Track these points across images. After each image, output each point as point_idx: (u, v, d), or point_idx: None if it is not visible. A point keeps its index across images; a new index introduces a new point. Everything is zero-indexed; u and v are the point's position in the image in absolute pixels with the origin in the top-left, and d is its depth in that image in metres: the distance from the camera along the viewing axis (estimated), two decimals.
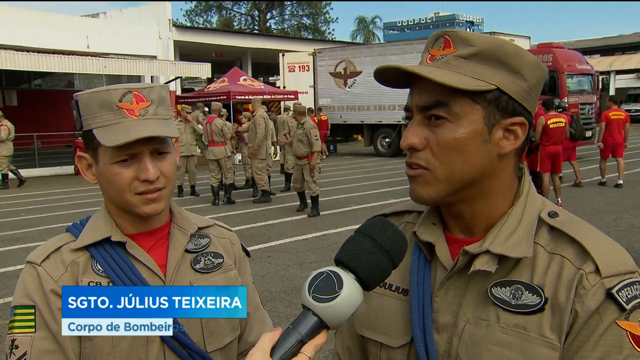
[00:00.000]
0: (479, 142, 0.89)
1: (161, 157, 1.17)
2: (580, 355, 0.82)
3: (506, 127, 0.91)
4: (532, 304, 0.86)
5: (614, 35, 40.71)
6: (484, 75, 0.88)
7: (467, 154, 0.89)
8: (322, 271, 0.81)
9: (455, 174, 0.90)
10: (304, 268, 6.21)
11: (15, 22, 17.16)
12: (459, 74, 0.88)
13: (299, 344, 0.78)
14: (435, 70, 0.88)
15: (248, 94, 18.43)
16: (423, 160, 0.91)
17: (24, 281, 1.15)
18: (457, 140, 0.88)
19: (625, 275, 0.84)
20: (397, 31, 69.57)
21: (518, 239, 0.90)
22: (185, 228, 1.27)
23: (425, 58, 0.93)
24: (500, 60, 0.88)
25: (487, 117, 0.89)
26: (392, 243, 0.83)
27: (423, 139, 0.90)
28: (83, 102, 1.14)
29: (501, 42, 0.89)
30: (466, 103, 0.88)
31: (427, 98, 0.89)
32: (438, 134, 0.89)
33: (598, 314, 0.82)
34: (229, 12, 50.66)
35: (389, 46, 20.46)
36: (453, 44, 0.90)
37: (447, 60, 0.89)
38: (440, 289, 0.94)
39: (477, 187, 0.92)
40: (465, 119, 0.88)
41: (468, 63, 0.88)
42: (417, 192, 0.93)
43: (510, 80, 0.89)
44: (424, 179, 0.91)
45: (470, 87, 0.86)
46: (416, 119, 0.92)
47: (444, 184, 0.90)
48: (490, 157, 0.91)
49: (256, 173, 10.50)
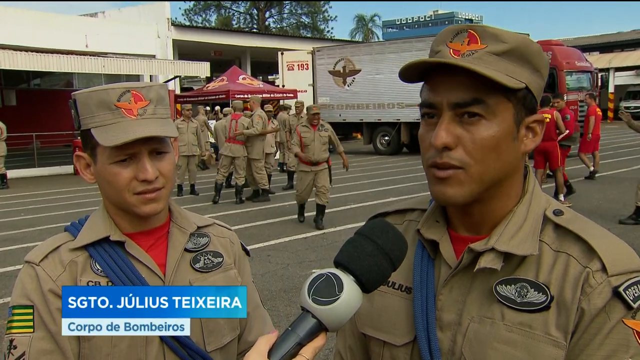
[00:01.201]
0: (510, 140, 0.89)
1: (160, 157, 1.16)
2: (586, 354, 0.82)
3: (528, 124, 0.91)
4: (538, 302, 0.85)
5: (612, 32, 40.70)
6: (515, 73, 0.87)
7: (500, 152, 0.88)
8: (321, 273, 0.80)
9: (489, 172, 0.88)
10: (303, 267, 6.21)
11: (14, 21, 17.14)
12: (495, 70, 0.85)
13: (298, 346, 0.77)
14: (473, 65, 0.84)
15: (247, 93, 18.40)
16: (456, 159, 0.88)
17: (22, 281, 1.15)
18: (493, 137, 0.87)
19: (633, 274, 0.83)
20: (396, 29, 69.57)
21: (523, 236, 0.89)
22: (185, 227, 1.26)
23: (447, 52, 0.89)
24: (527, 59, 0.88)
25: (516, 115, 0.89)
26: (392, 246, 0.83)
27: (456, 137, 0.87)
28: (81, 102, 1.14)
29: (529, 41, 0.89)
30: (501, 100, 0.87)
31: (462, 95, 0.86)
32: (473, 132, 0.87)
33: (605, 312, 0.82)
34: (227, 11, 50.64)
35: (388, 44, 20.42)
36: (481, 40, 0.87)
37: (480, 56, 0.87)
38: (444, 287, 0.94)
39: (499, 186, 0.91)
40: (499, 116, 0.87)
41: (500, 60, 0.87)
42: (448, 194, 0.89)
43: (533, 79, 0.89)
44: (457, 179, 0.88)
45: (512, 84, 0.85)
46: (447, 116, 0.88)
47: (477, 183, 0.89)
48: (517, 155, 0.91)
49: (257, 172, 10.46)
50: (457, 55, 0.88)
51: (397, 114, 18.72)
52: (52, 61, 15.28)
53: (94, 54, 17.04)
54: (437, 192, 0.91)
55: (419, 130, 0.95)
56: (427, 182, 0.93)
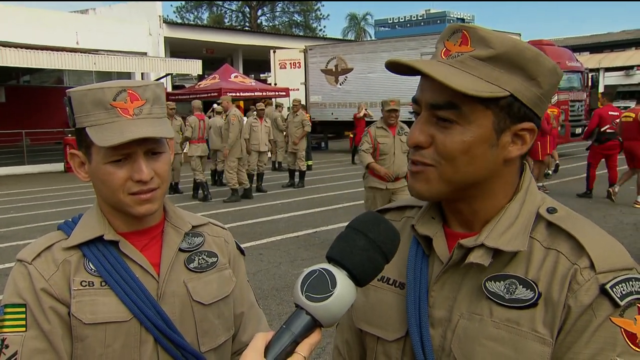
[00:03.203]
0: (486, 146, 0.88)
1: (155, 157, 1.15)
2: (573, 352, 0.82)
3: (515, 132, 0.90)
4: (526, 299, 0.86)
5: (602, 32, 40.96)
6: (499, 80, 0.86)
7: (473, 156, 0.88)
8: (314, 269, 0.79)
9: (459, 175, 0.89)
10: (295, 265, 6.21)
11: (3, 18, 16.96)
12: (473, 77, 0.85)
13: (293, 343, 0.77)
14: (449, 70, 0.85)
15: (239, 91, 18.36)
16: (428, 157, 0.90)
17: (14, 279, 1.14)
18: (464, 143, 0.87)
19: (621, 272, 0.83)
20: (389, 28, 69.61)
21: (514, 233, 0.89)
22: (179, 227, 1.25)
23: (440, 51, 0.90)
24: (517, 66, 0.86)
25: (497, 122, 0.88)
26: (384, 239, 0.82)
27: (429, 136, 0.89)
28: (76, 100, 1.12)
29: (521, 47, 0.86)
30: (477, 107, 0.86)
31: (438, 96, 0.87)
32: (445, 135, 0.88)
33: (591, 310, 0.82)
34: (219, 9, 50.47)
35: (380, 43, 20.44)
36: (470, 42, 0.87)
37: (463, 60, 0.87)
38: (436, 283, 0.94)
39: (478, 187, 0.92)
40: (474, 123, 0.87)
41: (484, 65, 0.86)
42: (416, 188, 0.93)
43: (525, 87, 0.87)
44: (425, 175, 0.91)
45: (484, 94, 0.84)
46: (423, 116, 0.90)
47: (445, 183, 0.90)
48: (496, 161, 0.90)
49: (227, 171, 10.33)
50: (446, 56, 0.89)
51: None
52: (42, 58, 15.15)
53: (85, 51, 16.91)
54: (410, 185, 0.94)
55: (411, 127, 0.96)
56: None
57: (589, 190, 9.71)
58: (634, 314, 0.81)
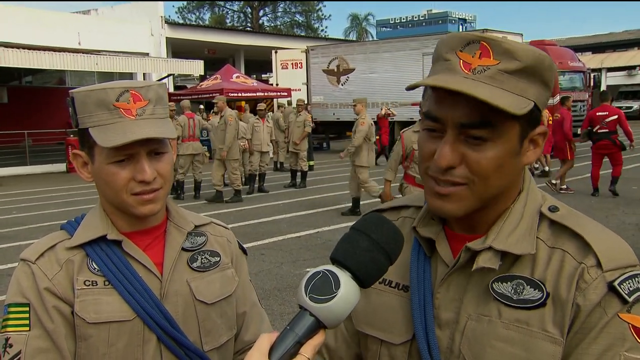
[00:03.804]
0: (514, 156, 0.88)
1: (158, 157, 1.15)
2: (582, 348, 0.82)
3: (532, 137, 0.90)
4: (534, 299, 0.86)
5: (605, 33, 40.90)
6: (525, 91, 0.85)
7: (504, 170, 0.87)
8: (318, 270, 0.80)
9: (491, 190, 0.88)
10: (297, 265, 6.21)
11: (5, 18, 17.00)
12: (507, 92, 0.83)
13: (297, 345, 0.77)
14: (486, 89, 0.82)
15: (241, 92, 18.38)
16: (460, 177, 0.87)
17: (18, 279, 1.14)
18: (499, 158, 0.86)
19: (627, 269, 0.84)
20: (390, 28, 69.53)
21: (520, 235, 0.90)
22: (182, 226, 1.26)
23: (457, 63, 0.86)
24: (539, 75, 0.86)
25: (521, 132, 0.88)
26: (388, 240, 0.82)
27: (460, 155, 0.86)
28: (79, 100, 1.13)
29: (542, 57, 0.86)
30: (508, 120, 0.85)
31: (469, 115, 0.84)
32: (479, 153, 0.85)
33: (600, 307, 0.82)
34: (221, 9, 50.50)
35: (382, 43, 20.46)
36: (494, 55, 0.84)
37: (493, 75, 0.84)
38: (441, 286, 0.94)
39: (497, 197, 0.91)
40: (505, 136, 0.85)
41: (512, 78, 0.84)
42: (446, 209, 0.89)
43: (541, 93, 0.88)
44: (459, 196, 0.88)
45: (524, 110, 0.83)
46: (452, 135, 0.86)
47: (478, 200, 0.88)
48: (519, 168, 0.91)
49: (232, 173, 10.28)
50: (467, 70, 0.85)
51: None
52: (44, 58, 15.18)
53: (87, 52, 16.95)
54: (436, 205, 0.90)
55: (418, 137, 0.94)
56: (424, 190, 0.93)
57: (595, 189, 9.96)
58: None
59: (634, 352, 0.80)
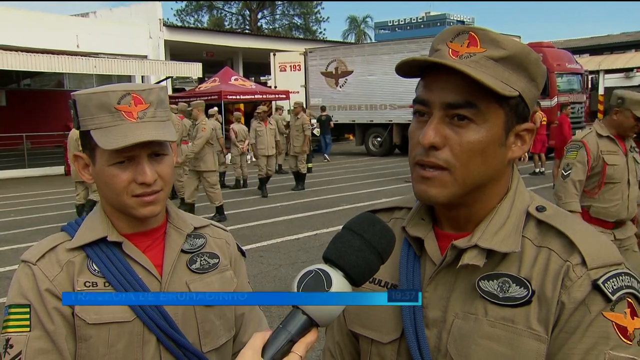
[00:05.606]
0: (497, 146, 0.90)
1: (159, 159, 1.17)
2: (567, 347, 0.83)
3: (518, 132, 0.92)
4: (519, 297, 0.87)
5: (602, 34, 41.01)
6: (510, 80, 0.88)
7: (486, 156, 0.89)
8: (310, 269, 0.80)
9: (473, 176, 0.90)
10: (295, 268, 6.21)
11: (3, 21, 17.00)
12: (491, 76, 0.86)
13: (289, 343, 0.78)
14: (469, 69, 0.85)
15: (239, 94, 18.39)
16: (442, 160, 0.89)
17: (18, 280, 1.15)
18: (480, 142, 0.88)
19: (612, 267, 0.85)
20: (388, 31, 69.68)
21: (506, 233, 0.91)
22: (182, 228, 1.27)
23: (446, 52, 0.90)
24: (524, 67, 0.89)
25: (506, 121, 0.90)
26: (380, 239, 0.83)
27: (444, 137, 0.88)
28: (81, 103, 1.14)
29: (528, 49, 0.89)
30: (493, 106, 0.88)
31: (455, 96, 0.87)
32: (461, 134, 0.88)
33: (585, 305, 0.83)
34: (219, 12, 50.48)
35: (380, 46, 20.48)
36: (481, 43, 0.88)
37: (478, 60, 0.87)
38: (429, 284, 0.95)
39: (482, 190, 0.93)
40: (489, 122, 0.88)
41: (497, 66, 0.87)
42: (429, 194, 0.91)
43: (528, 88, 0.90)
44: (441, 180, 0.89)
45: (506, 92, 0.86)
46: (437, 116, 0.89)
47: (460, 186, 0.90)
48: (503, 161, 0.92)
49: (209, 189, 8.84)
50: (455, 56, 0.88)
51: (389, 115, 18.76)
52: (42, 61, 15.17)
53: (85, 54, 16.93)
54: (420, 190, 0.92)
55: (409, 127, 0.96)
56: (411, 178, 0.95)
57: None
58: (624, 307, 0.83)
59: (618, 350, 0.81)
